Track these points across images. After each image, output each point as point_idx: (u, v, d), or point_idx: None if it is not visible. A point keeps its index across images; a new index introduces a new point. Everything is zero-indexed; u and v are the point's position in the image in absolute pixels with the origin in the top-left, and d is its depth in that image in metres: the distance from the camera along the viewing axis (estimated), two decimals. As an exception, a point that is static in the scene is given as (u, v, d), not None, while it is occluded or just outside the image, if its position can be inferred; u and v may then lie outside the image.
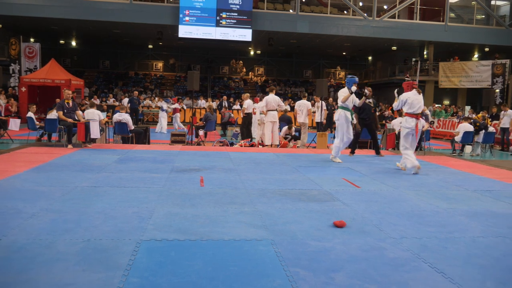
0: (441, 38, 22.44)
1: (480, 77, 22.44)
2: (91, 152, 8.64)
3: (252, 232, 3.84)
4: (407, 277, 2.98)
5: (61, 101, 9.78)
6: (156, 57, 31.09)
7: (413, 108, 7.38)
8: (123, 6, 19.87)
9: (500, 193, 6.03)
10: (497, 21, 23.15)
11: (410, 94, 7.48)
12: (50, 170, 6.48)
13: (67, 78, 18.31)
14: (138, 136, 11.21)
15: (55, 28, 23.43)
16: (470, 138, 11.33)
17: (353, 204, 5.01)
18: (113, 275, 2.83)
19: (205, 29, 20.94)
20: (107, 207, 4.49)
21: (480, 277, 3.04)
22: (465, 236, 3.96)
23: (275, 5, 22.50)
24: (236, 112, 20.56)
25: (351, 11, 22.27)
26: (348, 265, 3.16)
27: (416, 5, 22.45)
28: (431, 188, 6.19)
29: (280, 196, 5.29)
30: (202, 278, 2.84)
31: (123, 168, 6.96)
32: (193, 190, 5.45)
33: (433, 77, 24.73)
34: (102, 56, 30.25)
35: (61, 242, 3.40)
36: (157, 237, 3.60)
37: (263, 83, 30.59)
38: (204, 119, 13.49)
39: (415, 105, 7.38)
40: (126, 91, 26.38)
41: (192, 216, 4.27)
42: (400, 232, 3.98)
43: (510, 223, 4.48)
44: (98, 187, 5.42)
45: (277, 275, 2.94)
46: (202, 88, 26.40)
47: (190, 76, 11.79)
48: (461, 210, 4.95)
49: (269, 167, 7.53)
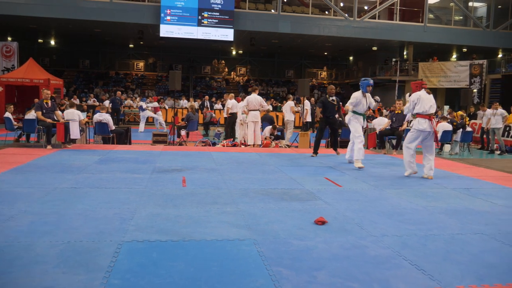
0: (420, 38, 22.81)
1: (458, 77, 22.87)
2: (71, 153, 8.51)
3: (234, 232, 3.84)
4: (388, 275, 3.02)
5: (39, 101, 9.61)
6: (137, 56, 30.80)
7: (424, 108, 6.90)
8: (103, 4, 19.63)
9: (478, 191, 6.16)
10: (475, 22, 23.63)
11: (420, 93, 7.03)
12: (28, 171, 6.37)
13: (45, 78, 18.01)
14: (119, 136, 11.09)
15: (34, 26, 23.00)
16: (448, 137, 11.54)
17: (334, 203, 5.06)
18: (94, 277, 2.79)
19: (186, 29, 20.84)
20: (87, 208, 4.43)
21: (458, 273, 3.10)
22: (444, 233, 4.03)
23: (257, 5, 22.52)
24: (218, 112, 20.51)
25: (332, 12, 22.45)
26: (330, 263, 3.18)
27: (396, 6, 22.75)
28: (411, 187, 6.28)
29: (262, 196, 5.30)
30: (185, 279, 2.83)
31: (104, 168, 6.88)
32: (175, 191, 5.42)
33: (413, 77, 25.05)
34: (82, 55, 29.81)
35: (41, 244, 3.35)
36: (139, 238, 3.58)
37: (245, 83, 30.59)
38: (186, 119, 13.41)
39: (426, 104, 6.90)
40: (106, 91, 26.06)
41: (174, 216, 4.24)
42: (381, 230, 4.03)
43: (487, 220, 4.57)
44: (78, 188, 5.35)
45: (259, 274, 2.95)
46: (184, 88, 26.25)
47: (171, 75, 11.72)
48: (440, 208, 5.04)
49: (252, 167, 7.54)
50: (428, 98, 6.98)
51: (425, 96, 6.99)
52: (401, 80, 24.44)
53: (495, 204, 5.33)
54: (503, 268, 3.23)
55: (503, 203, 5.39)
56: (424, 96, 6.98)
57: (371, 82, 8.08)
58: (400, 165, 8.12)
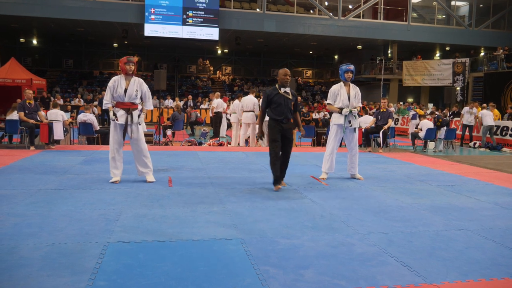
0: (404, 37, 23.06)
1: (441, 75, 23.17)
2: (55, 154, 8.40)
3: (221, 231, 3.83)
4: (375, 271, 3.04)
5: (22, 102, 9.46)
6: (122, 56, 29.87)
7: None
8: (85, 3, 19.42)
9: (462, 187, 6.25)
10: (457, 21, 23.97)
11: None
12: (11, 173, 6.26)
13: (28, 78, 17.73)
14: (104, 136, 10.97)
15: (15, 26, 22.64)
16: (432, 135, 11.68)
17: (321, 201, 5.08)
18: (79, 279, 2.76)
19: (171, 28, 20.73)
20: (72, 209, 4.37)
21: (444, 269, 3.13)
22: (429, 230, 4.08)
23: (242, 4, 22.51)
24: (204, 111, 20.45)
25: (317, 11, 22.56)
26: (317, 261, 3.20)
27: (380, 5, 22.94)
28: (396, 184, 6.34)
29: (249, 195, 5.29)
30: (171, 279, 2.81)
31: (89, 169, 6.80)
32: (161, 191, 5.39)
33: (397, 76, 25.36)
34: (65, 55, 29.43)
35: (24, 247, 3.30)
36: (125, 239, 3.54)
37: (231, 82, 30.55)
38: (171, 118, 13.34)
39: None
40: (90, 90, 25.78)
41: (161, 217, 4.22)
42: (367, 228, 4.06)
43: (471, 216, 4.64)
44: (63, 190, 5.28)
45: (247, 274, 2.95)
46: (169, 87, 26.10)
47: (156, 75, 11.64)
48: (425, 204, 5.09)
49: (238, 166, 7.53)
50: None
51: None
52: (386, 78, 24.68)
53: (478, 200, 5.41)
54: (487, 263, 3.27)
55: (486, 199, 5.48)
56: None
57: (350, 67, 6.45)
58: (386, 162, 8.21)
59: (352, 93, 6.45)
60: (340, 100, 6.43)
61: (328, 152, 6.56)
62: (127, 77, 5.78)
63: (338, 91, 6.46)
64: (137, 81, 5.82)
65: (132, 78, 5.78)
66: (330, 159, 6.55)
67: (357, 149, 6.66)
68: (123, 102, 5.74)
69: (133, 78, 5.79)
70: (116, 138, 5.78)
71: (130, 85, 5.73)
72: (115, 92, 5.72)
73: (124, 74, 5.77)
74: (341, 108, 6.42)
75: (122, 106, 5.75)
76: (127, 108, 5.75)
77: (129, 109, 5.76)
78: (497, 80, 19.93)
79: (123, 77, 5.78)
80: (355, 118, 6.47)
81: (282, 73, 5.79)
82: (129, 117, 5.75)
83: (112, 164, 5.81)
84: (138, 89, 5.78)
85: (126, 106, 5.75)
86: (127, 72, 5.74)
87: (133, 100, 5.77)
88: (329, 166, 6.58)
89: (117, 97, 5.74)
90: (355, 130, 6.55)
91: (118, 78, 5.78)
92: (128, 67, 5.72)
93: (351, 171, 6.72)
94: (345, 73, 6.41)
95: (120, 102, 5.75)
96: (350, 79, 6.46)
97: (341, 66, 6.52)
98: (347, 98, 6.40)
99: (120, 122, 5.72)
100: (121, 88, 5.70)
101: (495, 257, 3.41)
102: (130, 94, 5.72)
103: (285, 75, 5.75)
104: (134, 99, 5.77)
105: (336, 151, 6.60)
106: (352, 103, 6.43)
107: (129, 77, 5.78)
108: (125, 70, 5.74)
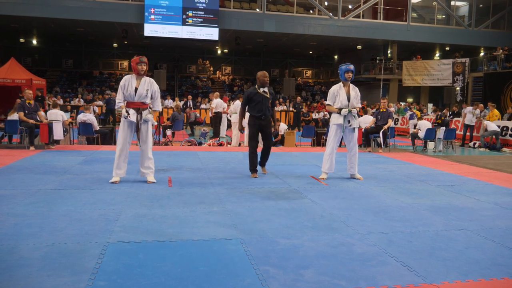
0: (404, 37, 23.05)
1: (441, 75, 23.16)
2: (55, 154, 8.40)
3: (221, 231, 3.83)
4: (374, 271, 3.04)
5: (22, 102, 9.46)
6: (122, 56, 30.51)
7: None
8: (85, 3, 19.40)
9: (462, 187, 6.25)
10: (457, 21, 23.96)
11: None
12: (11, 173, 6.26)
13: (28, 78, 17.70)
14: (104, 136, 10.98)
15: (15, 26, 22.63)
16: (432, 135, 11.68)
17: (321, 201, 5.08)
18: (79, 279, 2.76)
19: (171, 28, 20.72)
20: (72, 209, 4.37)
21: (443, 269, 3.13)
22: (429, 230, 4.08)
23: (241, 4, 22.51)
24: (204, 112, 20.43)
25: (317, 11, 22.55)
26: (317, 261, 3.20)
27: (379, 5, 22.94)
28: (396, 184, 6.34)
29: (249, 195, 5.29)
30: (171, 279, 2.81)
31: (89, 169, 6.80)
32: (161, 191, 5.39)
33: (397, 76, 25.35)
34: (65, 55, 29.41)
35: (24, 247, 3.30)
36: (125, 239, 3.54)
37: (231, 82, 30.54)
38: (171, 118, 13.34)
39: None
40: (90, 91, 25.77)
41: (161, 217, 4.22)
42: (367, 228, 4.06)
43: (471, 216, 4.64)
44: (63, 190, 5.28)
45: (247, 274, 2.95)
46: (169, 87, 26.10)
47: (156, 75, 11.64)
48: (424, 205, 5.10)
49: (238, 166, 7.53)
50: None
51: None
52: (386, 78, 24.68)
53: (478, 200, 5.41)
54: (487, 263, 3.28)
55: (486, 199, 5.48)
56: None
57: (350, 67, 6.44)
58: (386, 162, 8.21)
59: (352, 93, 6.46)
60: (339, 101, 6.44)
61: (328, 152, 6.56)
62: (138, 77, 5.78)
63: (338, 92, 6.48)
64: (148, 80, 5.80)
65: (143, 78, 5.77)
66: (329, 159, 6.56)
67: (356, 149, 6.66)
68: (133, 101, 5.74)
69: (144, 78, 5.77)
70: (124, 137, 5.79)
71: (140, 85, 5.72)
72: (126, 91, 5.72)
73: (136, 74, 5.77)
74: (340, 108, 6.44)
75: (132, 105, 5.74)
76: (137, 108, 5.75)
77: (139, 109, 5.76)
78: (497, 80, 19.93)
79: (134, 77, 5.77)
80: (354, 118, 6.48)
81: (262, 75, 6.47)
82: (139, 117, 5.75)
83: (116, 163, 5.81)
84: (148, 88, 5.77)
85: (136, 105, 5.74)
86: (139, 72, 5.72)
87: (143, 100, 5.76)
88: (329, 166, 6.58)
89: (128, 96, 5.73)
90: (354, 130, 6.56)
91: (129, 77, 5.79)
92: (140, 67, 5.71)
93: (350, 171, 6.73)
94: (345, 73, 6.42)
95: (130, 101, 5.75)
96: (350, 79, 6.48)
97: (341, 66, 6.52)
98: (346, 99, 6.42)
99: (132, 119, 5.71)
100: (131, 87, 5.70)
101: (495, 257, 3.41)
102: (141, 94, 5.72)
103: (264, 76, 6.47)
104: (144, 99, 5.76)
105: (335, 151, 6.61)
106: (352, 103, 6.43)
107: (140, 76, 5.78)
108: (137, 70, 5.73)
